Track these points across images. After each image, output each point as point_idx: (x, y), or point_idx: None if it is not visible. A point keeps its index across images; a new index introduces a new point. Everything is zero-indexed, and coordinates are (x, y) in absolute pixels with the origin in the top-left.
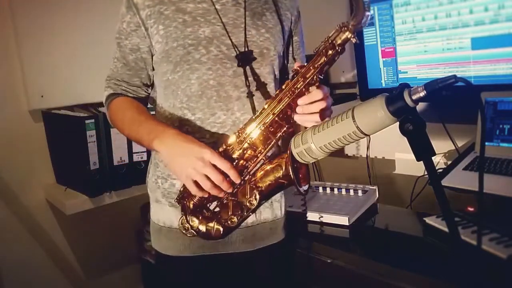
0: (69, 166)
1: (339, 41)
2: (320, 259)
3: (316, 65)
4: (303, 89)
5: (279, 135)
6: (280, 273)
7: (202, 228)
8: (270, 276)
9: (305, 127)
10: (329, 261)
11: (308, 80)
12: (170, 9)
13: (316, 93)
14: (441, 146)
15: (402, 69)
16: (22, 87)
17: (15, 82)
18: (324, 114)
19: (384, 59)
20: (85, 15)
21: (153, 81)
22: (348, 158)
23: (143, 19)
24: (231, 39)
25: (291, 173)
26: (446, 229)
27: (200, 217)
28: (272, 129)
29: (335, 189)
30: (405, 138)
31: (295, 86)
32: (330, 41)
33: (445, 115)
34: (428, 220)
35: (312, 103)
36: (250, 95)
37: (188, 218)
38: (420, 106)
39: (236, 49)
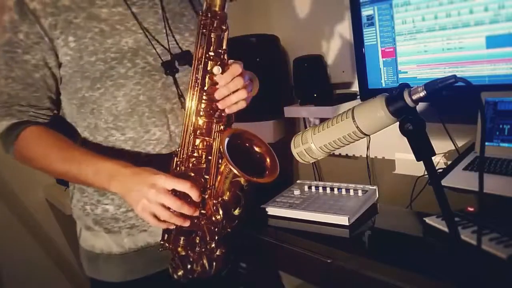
0: None
1: (216, 8)
2: (320, 259)
3: (203, 45)
4: (206, 76)
5: (214, 133)
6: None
7: (197, 269)
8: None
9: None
10: (329, 261)
11: (204, 63)
12: (81, 16)
13: (234, 68)
14: (441, 146)
15: (402, 69)
16: None
17: None
18: (249, 86)
19: (384, 59)
20: None
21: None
22: (348, 158)
23: (45, 29)
24: (155, 49)
25: (232, 167)
26: (446, 229)
27: (190, 260)
28: (205, 131)
29: (335, 189)
30: (405, 138)
31: (196, 76)
32: (207, 13)
33: (445, 115)
34: (428, 220)
35: (232, 80)
36: (183, 105)
37: (177, 264)
38: (420, 106)
39: (161, 58)
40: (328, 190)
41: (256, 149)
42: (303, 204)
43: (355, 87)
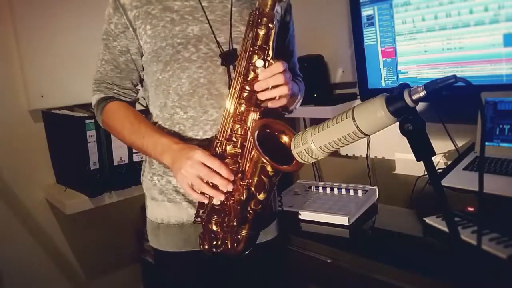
0: (69, 166)
1: (266, 8)
2: (320, 259)
3: (250, 38)
4: (250, 68)
5: (250, 120)
6: (272, 270)
7: (221, 246)
8: (263, 272)
9: (277, 108)
10: (329, 261)
11: (248, 55)
12: (157, 8)
13: (276, 66)
14: (441, 146)
15: (402, 69)
16: (22, 87)
17: (15, 82)
18: (290, 84)
19: (384, 59)
20: (85, 15)
21: (141, 82)
22: (348, 158)
23: (130, 20)
24: (216, 38)
25: (260, 155)
26: (446, 229)
27: (217, 236)
28: (243, 118)
29: (335, 189)
30: (405, 138)
31: (239, 69)
32: (258, 11)
33: (445, 115)
34: (428, 220)
35: (273, 76)
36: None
37: (205, 238)
38: (420, 106)
39: (221, 47)
40: (328, 190)
41: (286, 138)
42: (303, 204)
43: (355, 87)
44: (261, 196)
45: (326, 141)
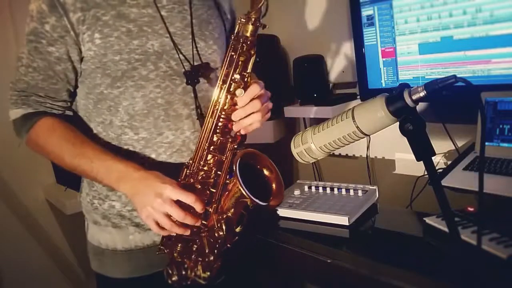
0: None
1: (247, 34)
2: (320, 259)
3: (232, 64)
4: (228, 96)
5: (227, 151)
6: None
7: (191, 276)
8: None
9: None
10: (329, 261)
11: (228, 83)
12: (110, 14)
13: (253, 89)
14: (441, 146)
15: (402, 69)
16: None
17: None
18: (265, 109)
19: (384, 59)
20: None
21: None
22: (348, 158)
23: (73, 23)
24: (179, 54)
25: (242, 189)
26: (446, 229)
27: (185, 267)
28: (218, 148)
29: (335, 189)
30: (405, 138)
31: (219, 94)
32: (238, 36)
33: (445, 115)
34: (428, 220)
35: (251, 102)
36: (199, 116)
37: (173, 270)
38: (420, 106)
39: (183, 65)
40: (328, 190)
41: (265, 171)
42: (303, 204)
43: (355, 87)
44: (238, 229)
45: (326, 141)
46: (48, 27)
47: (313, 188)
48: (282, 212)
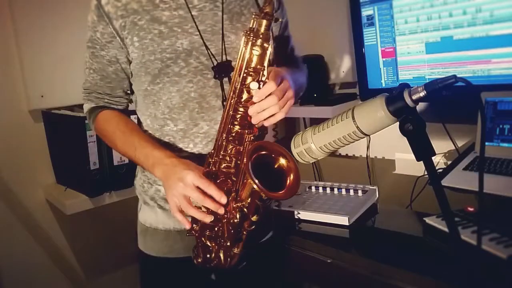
0: (69, 166)
1: (261, 28)
2: (320, 259)
3: (244, 59)
4: (244, 89)
5: (244, 142)
6: (268, 271)
7: (214, 260)
8: (260, 273)
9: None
10: (329, 261)
11: (242, 76)
12: (145, 18)
13: (269, 86)
14: (441, 146)
15: (402, 69)
16: (22, 87)
17: (15, 82)
18: (282, 103)
19: (384, 59)
20: (86, 15)
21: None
22: (348, 158)
23: (117, 30)
24: (208, 50)
25: (254, 183)
26: (446, 229)
27: (210, 250)
28: (237, 138)
29: (335, 189)
30: (405, 138)
31: (233, 91)
32: (253, 31)
33: (445, 115)
34: (428, 220)
35: (266, 98)
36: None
37: (199, 252)
38: (420, 106)
39: (213, 59)
40: (328, 190)
41: (283, 162)
42: (303, 204)
43: (355, 87)
44: (254, 218)
45: (326, 141)
46: (99, 34)
47: (313, 188)
48: (282, 212)
